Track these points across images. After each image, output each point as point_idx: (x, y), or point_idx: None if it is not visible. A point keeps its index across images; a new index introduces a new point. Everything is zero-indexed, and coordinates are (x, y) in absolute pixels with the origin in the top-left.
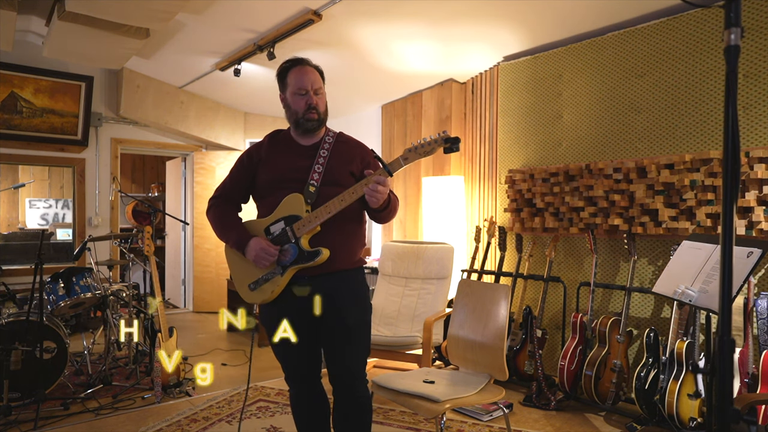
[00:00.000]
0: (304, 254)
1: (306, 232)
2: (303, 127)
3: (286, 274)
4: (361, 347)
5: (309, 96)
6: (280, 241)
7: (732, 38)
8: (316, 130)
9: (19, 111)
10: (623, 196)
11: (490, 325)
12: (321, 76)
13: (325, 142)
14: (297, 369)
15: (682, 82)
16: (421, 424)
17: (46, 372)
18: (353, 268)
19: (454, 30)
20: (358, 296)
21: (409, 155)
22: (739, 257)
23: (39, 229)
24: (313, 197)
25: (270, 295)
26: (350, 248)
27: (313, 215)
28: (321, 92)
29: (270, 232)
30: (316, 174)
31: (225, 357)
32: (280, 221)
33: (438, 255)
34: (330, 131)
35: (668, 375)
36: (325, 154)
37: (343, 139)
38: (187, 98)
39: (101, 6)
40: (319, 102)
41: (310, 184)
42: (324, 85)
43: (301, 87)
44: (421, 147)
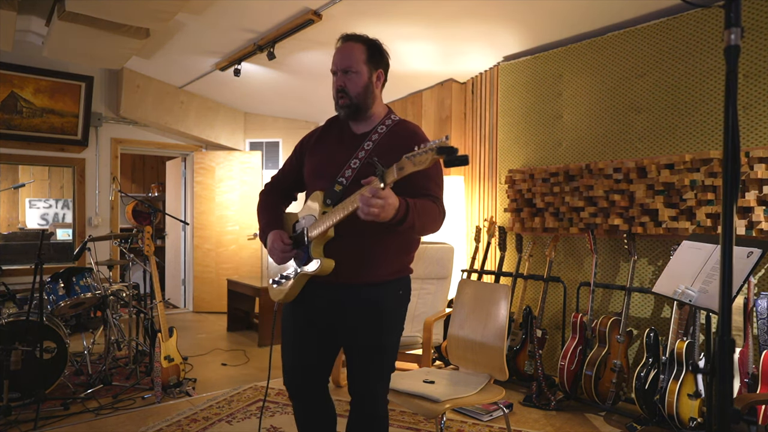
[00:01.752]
0: (309, 261)
1: (316, 236)
2: (340, 115)
3: (297, 278)
4: (382, 369)
5: (337, 77)
6: (299, 241)
7: (732, 38)
8: (355, 115)
9: (19, 111)
10: (623, 196)
11: (490, 325)
12: (368, 51)
13: (376, 131)
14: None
15: (682, 82)
16: (421, 424)
17: (46, 372)
18: (382, 282)
19: (454, 30)
20: (384, 315)
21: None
22: (739, 257)
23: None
24: (335, 197)
25: (283, 297)
26: (378, 259)
27: (323, 219)
28: (352, 71)
29: (295, 230)
30: (350, 170)
31: (225, 357)
32: (302, 220)
33: (438, 255)
34: (390, 117)
35: (668, 375)
36: (369, 147)
37: (399, 128)
38: (187, 98)
39: (101, 6)
40: (348, 83)
41: (338, 182)
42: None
43: (332, 68)
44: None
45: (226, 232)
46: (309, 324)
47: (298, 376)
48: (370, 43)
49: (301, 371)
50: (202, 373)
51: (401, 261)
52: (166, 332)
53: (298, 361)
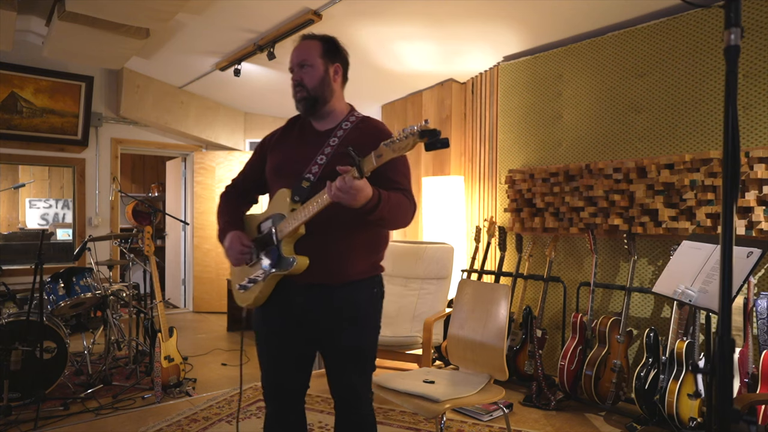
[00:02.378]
0: (281, 260)
1: (286, 234)
2: (299, 109)
3: (268, 280)
4: (365, 368)
5: (294, 73)
6: (266, 241)
7: (732, 38)
8: (313, 109)
9: (19, 111)
10: (623, 196)
11: (490, 325)
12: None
13: (340, 128)
14: (277, 384)
15: (682, 82)
16: (421, 424)
17: (46, 372)
18: (357, 280)
19: (454, 30)
20: (363, 314)
21: (384, 151)
22: (739, 257)
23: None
24: (304, 194)
25: (253, 301)
26: (352, 256)
27: (293, 216)
28: (308, 64)
29: (260, 230)
30: (316, 166)
31: (225, 357)
32: (269, 219)
33: (438, 255)
34: (353, 114)
35: (668, 375)
36: (334, 143)
37: (363, 124)
38: (187, 98)
39: (101, 6)
40: (304, 76)
41: (305, 178)
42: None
43: (289, 67)
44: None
45: None
46: (283, 327)
47: (278, 380)
48: (325, 39)
49: (280, 375)
50: (202, 373)
51: (372, 259)
52: (166, 332)
53: (276, 366)
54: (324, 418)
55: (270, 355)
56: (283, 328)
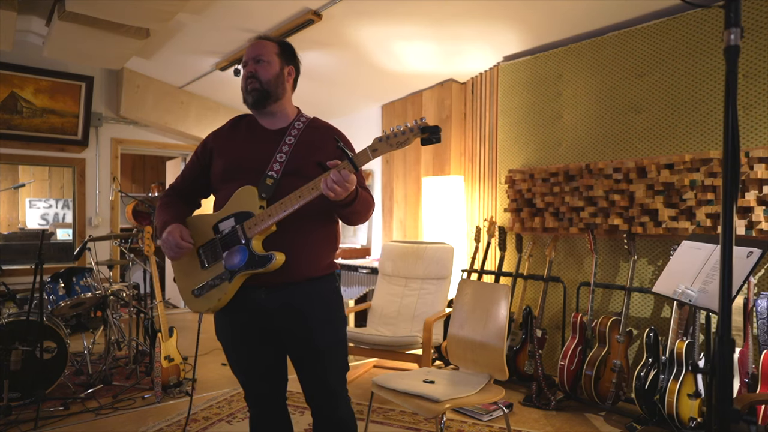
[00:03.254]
0: (255, 258)
1: (258, 232)
2: (247, 101)
3: (235, 280)
4: (337, 365)
5: (247, 66)
6: (229, 241)
7: (732, 38)
8: (263, 102)
9: (19, 111)
10: (623, 196)
11: (490, 325)
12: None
13: (294, 127)
14: (258, 388)
15: (682, 82)
16: (421, 424)
17: (46, 372)
18: (321, 276)
19: (454, 30)
20: (330, 311)
21: (379, 146)
22: (739, 257)
23: (39, 229)
24: (269, 191)
25: (216, 304)
26: (316, 252)
27: (266, 213)
28: (263, 59)
29: (219, 230)
30: (277, 164)
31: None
32: (230, 218)
33: (438, 255)
34: (303, 115)
35: (668, 375)
36: (291, 141)
37: (315, 124)
38: (187, 98)
39: (101, 6)
40: (259, 69)
41: (268, 176)
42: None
43: (243, 61)
44: (393, 137)
45: None
46: (250, 331)
47: (255, 387)
48: (282, 42)
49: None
50: (202, 373)
51: (332, 255)
52: (166, 332)
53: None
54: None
55: (242, 363)
56: (251, 332)
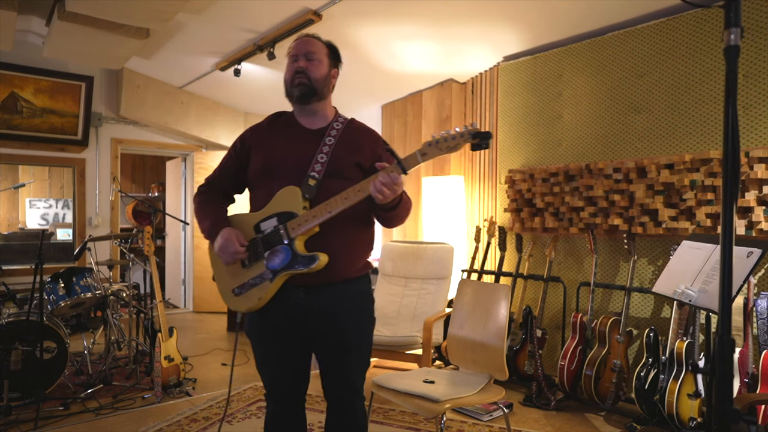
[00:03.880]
0: (298, 259)
1: (302, 232)
2: (293, 95)
3: (276, 280)
4: (362, 365)
5: (298, 61)
6: (271, 241)
7: (732, 38)
8: (308, 98)
9: (19, 111)
10: (623, 196)
11: (490, 325)
12: (329, 49)
13: (333, 127)
14: (282, 385)
15: (682, 82)
16: (421, 424)
17: (46, 372)
18: (357, 277)
19: (454, 30)
20: (363, 312)
21: (429, 150)
22: (739, 257)
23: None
24: (312, 192)
25: (257, 303)
26: (355, 253)
27: (310, 213)
28: (315, 58)
29: (260, 230)
30: (319, 164)
31: (225, 357)
32: (272, 218)
33: (438, 255)
34: (341, 116)
35: (668, 375)
36: (331, 142)
37: (354, 125)
38: (187, 98)
39: (101, 6)
40: (310, 67)
41: (311, 176)
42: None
43: (292, 54)
44: (443, 141)
45: None
46: (284, 328)
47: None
48: (331, 44)
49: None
50: (202, 373)
51: (368, 256)
52: (166, 332)
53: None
54: (324, 418)
55: (272, 358)
56: (284, 330)
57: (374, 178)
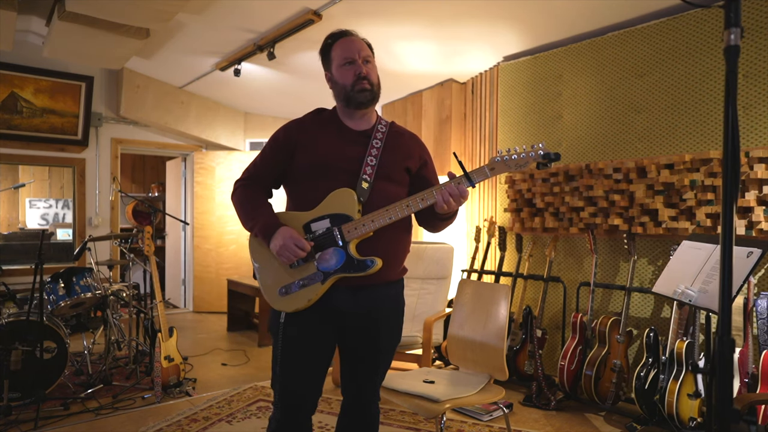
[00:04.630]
0: (354, 262)
1: (357, 236)
2: (355, 101)
3: (328, 281)
4: (387, 365)
5: (357, 65)
6: (323, 242)
7: (732, 38)
8: (370, 104)
9: (19, 111)
10: (623, 196)
11: (490, 325)
12: (371, 49)
13: (378, 130)
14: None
15: (682, 82)
16: (421, 424)
17: (46, 372)
18: (397, 280)
19: (454, 30)
20: (399, 314)
21: (497, 166)
22: (739, 257)
23: (39, 229)
24: (365, 194)
25: (306, 303)
26: (399, 258)
27: (368, 218)
28: (371, 61)
29: (311, 230)
30: (369, 167)
31: (225, 357)
32: (324, 219)
33: (438, 255)
34: (382, 119)
35: (668, 375)
36: (379, 145)
37: (397, 129)
38: (187, 98)
39: (101, 6)
40: (370, 72)
41: (363, 179)
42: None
43: (347, 56)
44: (512, 159)
45: (226, 232)
46: (320, 331)
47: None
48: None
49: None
50: (202, 373)
51: (405, 260)
52: (166, 332)
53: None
54: (324, 418)
55: (298, 362)
56: (320, 333)
57: (441, 188)
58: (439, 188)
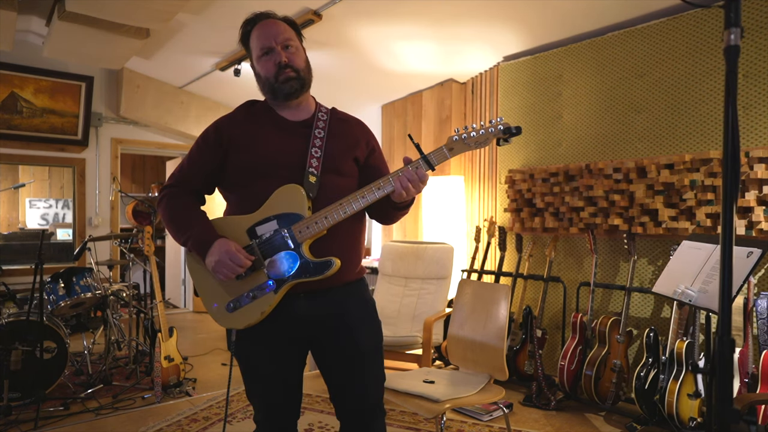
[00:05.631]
0: (309, 266)
1: (310, 236)
2: (282, 92)
3: (281, 290)
4: (375, 372)
5: (276, 53)
6: (272, 247)
7: (732, 38)
8: (300, 92)
9: (19, 111)
10: (623, 196)
11: (490, 325)
12: (294, 28)
13: (319, 119)
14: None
15: (682, 82)
16: (421, 424)
17: (46, 372)
18: (358, 279)
19: (454, 30)
20: (368, 313)
21: (455, 145)
22: (739, 257)
23: (39, 229)
24: (314, 190)
25: (258, 317)
26: (357, 254)
27: (321, 215)
28: (293, 45)
29: (257, 235)
30: (315, 159)
31: (225, 357)
32: (270, 220)
33: (438, 255)
34: (322, 106)
35: (668, 375)
36: (322, 135)
37: (339, 116)
38: (188, 98)
39: (101, 6)
40: (292, 57)
41: (310, 173)
42: (300, 40)
43: (264, 45)
44: (470, 137)
45: None
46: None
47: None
48: (291, 21)
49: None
50: (202, 373)
51: (362, 257)
52: (166, 332)
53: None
54: (324, 418)
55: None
56: (279, 343)
57: (398, 174)
58: (395, 174)
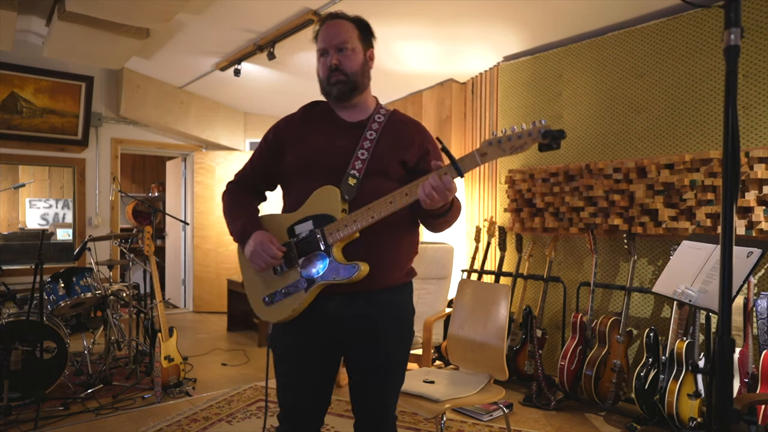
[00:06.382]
0: (337, 268)
1: (341, 238)
2: (332, 94)
3: (312, 290)
4: (397, 381)
5: (329, 56)
6: (306, 246)
7: (732, 38)
8: (349, 95)
9: (19, 111)
10: (623, 196)
11: (490, 325)
12: (359, 29)
13: (374, 120)
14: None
15: (682, 82)
16: (421, 424)
17: (46, 372)
18: (399, 285)
19: (454, 30)
20: (403, 324)
21: (489, 150)
22: (739, 257)
23: (39, 229)
24: (352, 193)
25: (290, 314)
26: (398, 260)
27: (350, 218)
28: (347, 48)
29: (295, 233)
30: (359, 161)
31: (225, 357)
32: (307, 220)
33: (438, 255)
34: (382, 107)
35: (668, 375)
36: (373, 136)
37: (399, 117)
38: (187, 98)
39: (101, 6)
40: (344, 60)
41: (350, 175)
42: (367, 41)
43: (320, 47)
44: (507, 141)
45: (226, 232)
46: (315, 342)
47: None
48: (360, 21)
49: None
50: (202, 373)
51: (410, 263)
52: (166, 332)
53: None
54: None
55: (297, 375)
56: (311, 343)
57: (424, 180)
58: (423, 180)
